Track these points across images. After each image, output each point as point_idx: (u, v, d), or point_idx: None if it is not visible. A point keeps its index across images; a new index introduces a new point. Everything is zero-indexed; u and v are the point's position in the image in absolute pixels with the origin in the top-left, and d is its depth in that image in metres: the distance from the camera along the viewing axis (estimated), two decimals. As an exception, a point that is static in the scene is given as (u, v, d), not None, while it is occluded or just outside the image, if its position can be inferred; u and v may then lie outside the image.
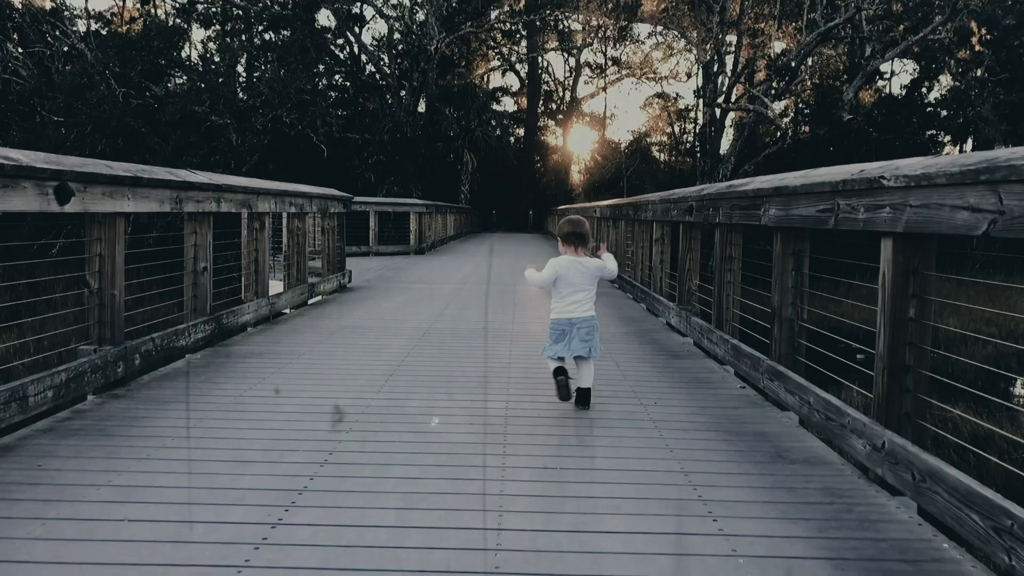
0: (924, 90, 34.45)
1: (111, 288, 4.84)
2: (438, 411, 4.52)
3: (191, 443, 3.80)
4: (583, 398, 4.58)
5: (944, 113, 32.68)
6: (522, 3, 37.67)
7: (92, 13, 34.13)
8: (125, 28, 32.76)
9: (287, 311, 8.83)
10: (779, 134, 32.34)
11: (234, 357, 6.02)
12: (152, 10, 33.62)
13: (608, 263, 4.68)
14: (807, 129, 31.21)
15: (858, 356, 5.97)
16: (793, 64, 28.51)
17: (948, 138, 33.65)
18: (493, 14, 38.24)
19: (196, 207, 5.99)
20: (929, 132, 32.49)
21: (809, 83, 32.80)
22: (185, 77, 31.30)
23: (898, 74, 49.71)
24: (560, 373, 4.56)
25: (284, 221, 9.59)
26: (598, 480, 3.42)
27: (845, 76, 32.34)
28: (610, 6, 38.25)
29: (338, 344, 6.76)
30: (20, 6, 31.51)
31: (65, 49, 30.28)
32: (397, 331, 7.48)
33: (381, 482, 3.32)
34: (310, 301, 9.63)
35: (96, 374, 4.60)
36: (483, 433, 4.07)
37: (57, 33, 30.08)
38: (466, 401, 4.80)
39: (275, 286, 9.74)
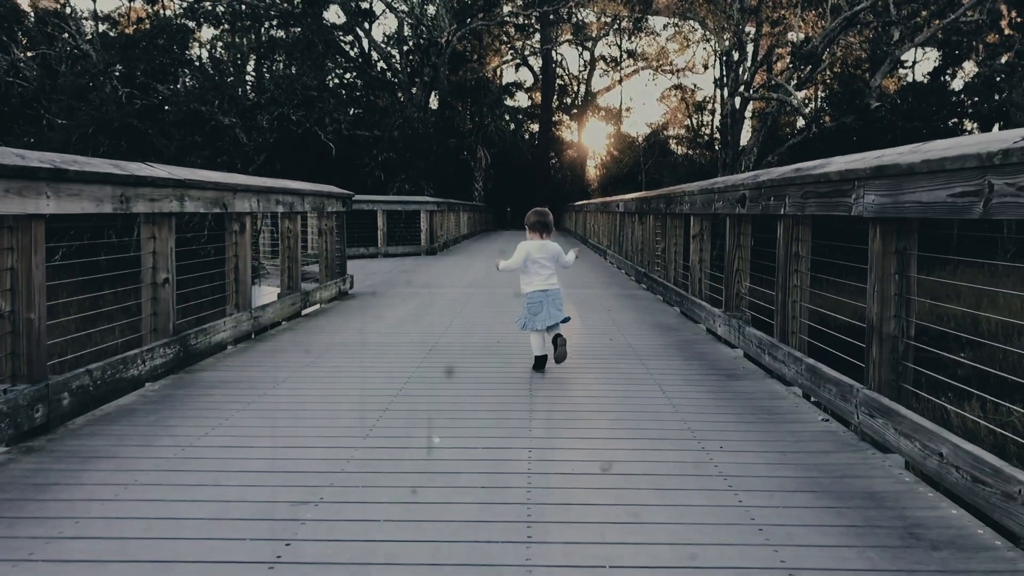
0: (947, 77, 33.23)
1: (27, 311, 3.82)
2: (439, 465, 3.47)
3: (97, 529, 2.76)
4: (560, 344, 5.27)
5: (970, 100, 31.35)
6: (535, -6, 36.54)
7: (100, 15, 33.34)
8: (132, 29, 31.93)
9: (282, 323, 7.82)
10: (802, 124, 31.13)
11: (198, 387, 4.98)
12: (161, 11, 32.79)
13: (568, 255, 5.74)
14: (828, 119, 29.94)
15: None
16: (816, 51, 27.26)
17: (975, 125, 32.32)
18: (506, 7, 37.15)
19: (150, 207, 4.97)
20: (952, 120, 31.19)
21: (829, 72, 31.58)
22: (192, 77, 30.41)
23: (919, 62, 48.32)
24: (541, 365, 5.41)
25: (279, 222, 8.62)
26: (666, 588, 2.35)
27: (868, 64, 31.13)
28: (625, -4, 37.07)
29: (327, 367, 5.72)
30: (28, 9, 30.80)
31: (69, 50, 29.48)
32: (398, 348, 6.44)
33: (350, 601, 2.27)
34: (304, 311, 8.60)
35: (2, 423, 3.59)
36: (498, 503, 3.01)
37: (65, 35, 29.31)
38: (477, 448, 3.72)
39: (269, 295, 8.76)
